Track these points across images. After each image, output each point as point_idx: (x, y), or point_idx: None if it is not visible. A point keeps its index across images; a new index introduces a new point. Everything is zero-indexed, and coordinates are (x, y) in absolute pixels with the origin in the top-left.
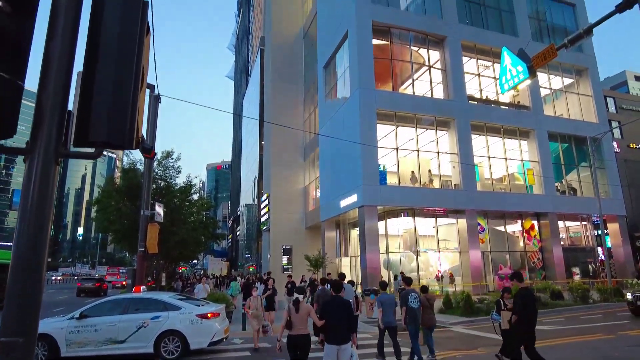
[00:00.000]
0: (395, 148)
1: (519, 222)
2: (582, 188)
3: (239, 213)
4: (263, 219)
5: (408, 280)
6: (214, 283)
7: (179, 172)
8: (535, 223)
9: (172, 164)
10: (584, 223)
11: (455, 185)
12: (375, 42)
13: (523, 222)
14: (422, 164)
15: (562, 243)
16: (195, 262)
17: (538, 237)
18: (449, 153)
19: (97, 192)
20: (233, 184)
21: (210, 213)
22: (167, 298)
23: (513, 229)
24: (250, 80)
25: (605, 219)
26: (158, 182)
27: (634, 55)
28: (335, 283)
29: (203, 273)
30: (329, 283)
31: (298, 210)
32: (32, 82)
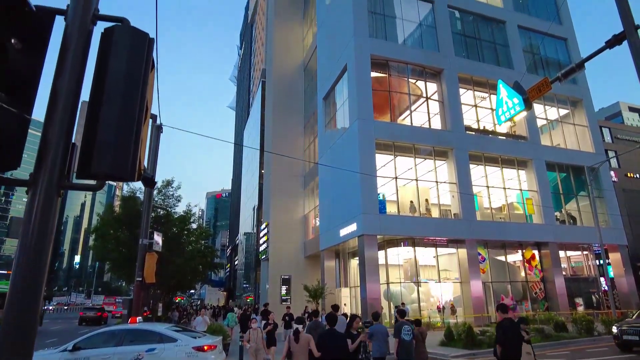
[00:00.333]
0: (394, 177)
1: (520, 251)
2: (581, 217)
3: (238, 242)
4: (262, 248)
5: (401, 313)
6: (211, 313)
7: (179, 200)
8: (536, 253)
9: (172, 193)
10: (585, 253)
11: (455, 215)
12: (374, 74)
13: (524, 251)
14: (421, 193)
15: (563, 273)
16: (193, 292)
17: (539, 267)
18: (448, 182)
19: (96, 220)
20: (232, 213)
21: (209, 242)
22: (163, 329)
23: (514, 259)
24: (252, 111)
25: (607, 249)
26: (157, 210)
27: (627, 87)
28: (331, 316)
29: (201, 304)
30: (325, 317)
31: (297, 239)
32: (36, 111)
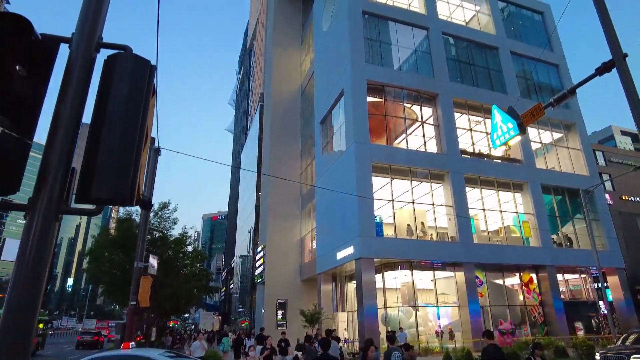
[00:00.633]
0: (391, 200)
1: (517, 275)
2: (578, 240)
3: (234, 265)
4: (258, 272)
5: (391, 339)
6: (205, 338)
7: (175, 223)
8: (534, 276)
9: (168, 215)
10: (583, 276)
11: (452, 238)
12: (370, 99)
13: (521, 275)
14: (417, 216)
15: (562, 296)
16: (187, 316)
17: (537, 290)
18: (444, 205)
19: (91, 242)
20: (228, 235)
21: (204, 265)
22: (156, 355)
23: (511, 282)
24: (249, 134)
25: (605, 272)
26: (153, 233)
27: (619, 110)
28: (324, 341)
29: (195, 328)
30: (319, 342)
31: (294, 263)
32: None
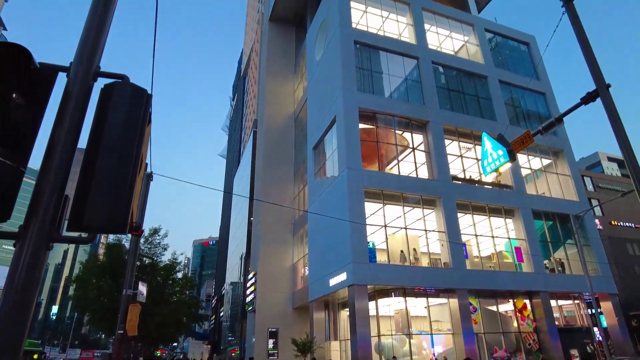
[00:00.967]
0: (384, 225)
1: (511, 301)
2: (570, 266)
3: (224, 292)
4: (249, 299)
5: None
6: None
7: (165, 249)
8: (528, 302)
9: (158, 241)
10: (577, 302)
11: (445, 264)
12: (362, 126)
13: (515, 301)
14: (410, 242)
15: (556, 323)
16: (175, 344)
17: (531, 316)
18: (437, 231)
19: (78, 268)
20: (219, 261)
21: (194, 292)
22: None
23: (505, 309)
24: (242, 159)
25: (598, 298)
26: (143, 259)
27: (605, 136)
28: None
29: (183, 358)
30: None
31: (285, 290)
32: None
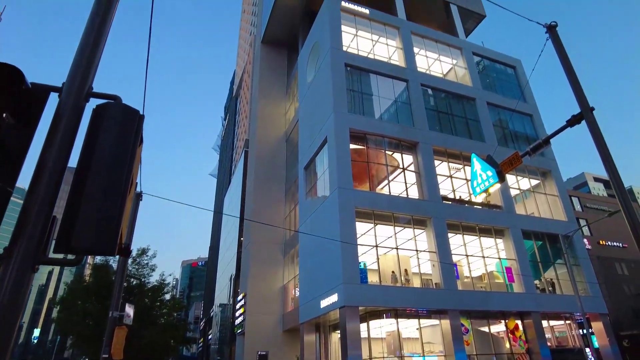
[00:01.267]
0: (375, 245)
1: (503, 322)
2: (560, 286)
3: (212, 314)
4: (238, 321)
5: None
6: None
7: (153, 270)
8: (519, 323)
9: (146, 262)
10: (568, 322)
11: (436, 285)
12: (353, 146)
13: (507, 321)
14: (401, 262)
15: (549, 344)
16: None
17: (524, 337)
18: (428, 251)
19: (63, 289)
20: (208, 283)
21: (182, 314)
22: None
23: (497, 330)
24: (233, 179)
25: (589, 318)
26: (130, 280)
27: (591, 156)
28: None
29: None
30: None
31: (276, 312)
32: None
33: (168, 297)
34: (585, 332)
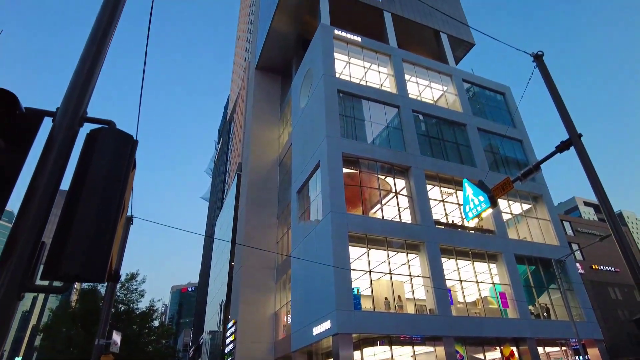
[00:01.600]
0: (368, 271)
1: (498, 349)
2: (555, 311)
3: (202, 341)
4: (228, 349)
5: None
6: None
7: (142, 295)
8: (515, 349)
9: (135, 287)
10: (564, 348)
11: (430, 310)
12: (346, 170)
13: (502, 348)
14: (395, 287)
15: None
16: None
17: None
18: (421, 276)
19: (47, 316)
20: (198, 309)
21: (171, 341)
22: None
23: (492, 357)
24: (225, 202)
25: (585, 344)
26: (118, 306)
27: (581, 180)
28: None
29: None
30: None
31: (267, 340)
32: None
33: (157, 323)
34: (582, 358)
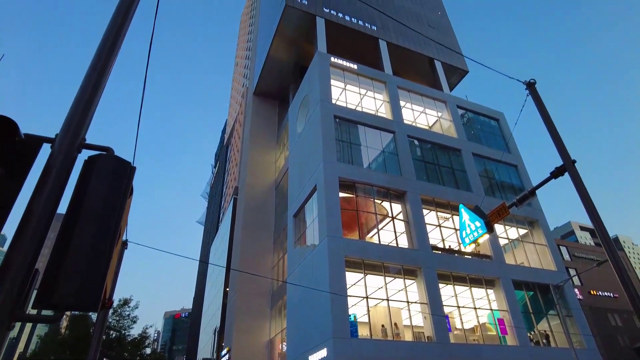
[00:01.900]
0: (365, 297)
1: None
2: (555, 338)
3: None
4: None
5: None
6: None
7: (134, 322)
8: None
9: (127, 313)
10: None
11: (428, 338)
12: (342, 194)
13: None
14: (392, 314)
15: None
16: None
17: None
18: (419, 303)
19: (35, 343)
20: (191, 335)
21: None
22: None
23: None
24: (221, 226)
25: None
26: (110, 332)
27: (577, 204)
28: None
29: None
30: None
31: None
32: None
33: (149, 351)
34: None
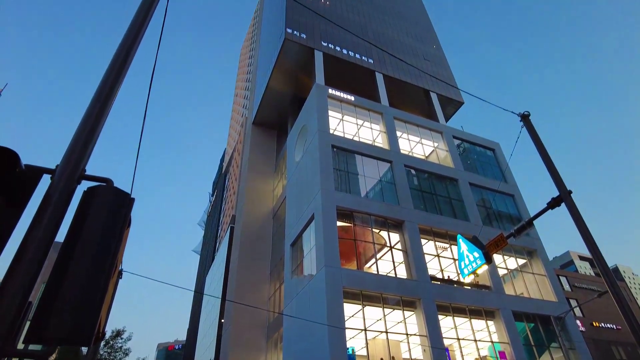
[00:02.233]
0: (364, 329)
1: None
2: None
3: None
4: None
5: None
6: None
7: (127, 354)
8: None
9: (120, 345)
10: None
11: None
12: (340, 224)
13: None
14: (392, 346)
15: None
16: None
17: None
18: (418, 335)
19: None
20: None
21: None
22: None
23: None
24: (217, 256)
25: None
26: None
27: (575, 233)
28: None
29: None
30: None
31: None
32: None
33: None
34: None
